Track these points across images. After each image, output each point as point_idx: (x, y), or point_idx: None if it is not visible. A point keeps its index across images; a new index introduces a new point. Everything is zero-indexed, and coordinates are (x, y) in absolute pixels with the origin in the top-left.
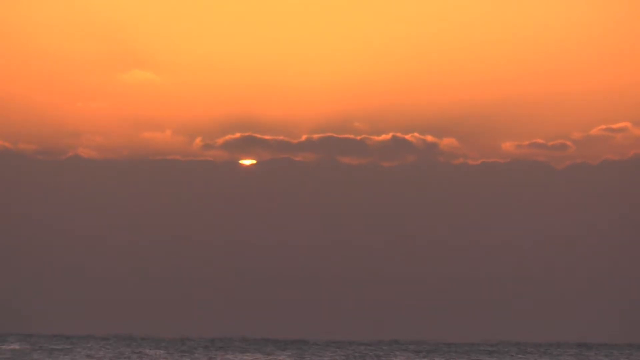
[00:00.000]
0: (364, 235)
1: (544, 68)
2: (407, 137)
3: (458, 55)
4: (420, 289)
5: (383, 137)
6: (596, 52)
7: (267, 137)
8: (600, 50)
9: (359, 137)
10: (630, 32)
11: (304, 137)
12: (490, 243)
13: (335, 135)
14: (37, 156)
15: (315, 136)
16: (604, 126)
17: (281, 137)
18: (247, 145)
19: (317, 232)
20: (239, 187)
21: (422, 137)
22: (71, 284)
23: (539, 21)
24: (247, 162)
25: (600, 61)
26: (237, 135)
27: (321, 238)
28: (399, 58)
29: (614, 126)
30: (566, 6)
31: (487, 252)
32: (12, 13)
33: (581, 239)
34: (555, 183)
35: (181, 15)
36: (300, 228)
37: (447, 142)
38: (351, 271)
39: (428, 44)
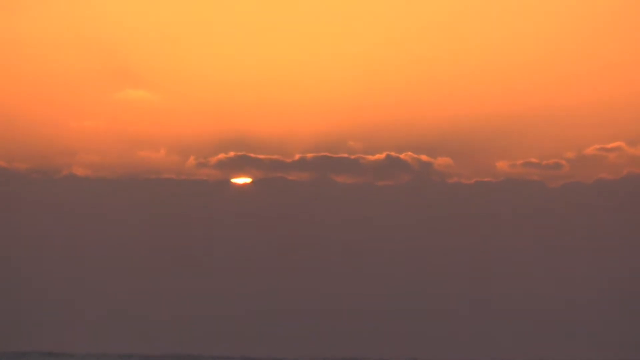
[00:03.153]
0: (358, 254)
1: (538, 87)
2: (402, 156)
3: (452, 73)
4: (413, 307)
5: (377, 156)
6: (590, 72)
7: (261, 156)
8: (594, 70)
9: (353, 156)
10: (624, 51)
11: (297, 156)
12: (484, 262)
13: (329, 154)
14: (32, 174)
15: (309, 155)
16: (598, 145)
17: (275, 156)
18: (241, 164)
19: (311, 250)
20: (232, 206)
21: (416, 156)
22: (64, 301)
23: (534, 40)
24: (240, 181)
25: (595, 81)
26: (231, 154)
27: (315, 257)
28: (393, 76)
29: (608, 146)
30: (560, 25)
31: (481, 272)
32: (5, 31)
33: (574, 258)
34: (549, 202)
35: (175, 34)
36: (294, 247)
37: (442, 161)
38: (345, 290)
39: (422, 62)
